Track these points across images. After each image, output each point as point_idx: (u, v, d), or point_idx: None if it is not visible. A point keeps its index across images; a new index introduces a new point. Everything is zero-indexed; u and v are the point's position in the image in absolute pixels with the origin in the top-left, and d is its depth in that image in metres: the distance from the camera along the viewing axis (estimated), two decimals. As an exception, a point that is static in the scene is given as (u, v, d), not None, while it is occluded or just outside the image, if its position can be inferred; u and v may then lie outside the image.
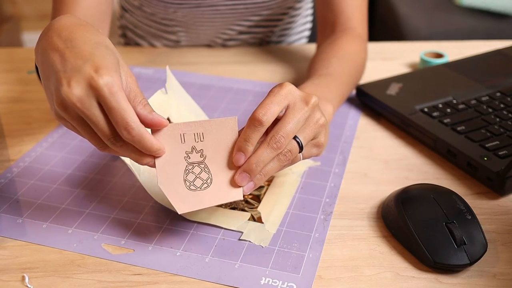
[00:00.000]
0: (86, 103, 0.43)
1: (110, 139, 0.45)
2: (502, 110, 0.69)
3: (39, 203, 0.57)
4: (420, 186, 0.56)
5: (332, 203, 0.57)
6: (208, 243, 0.52)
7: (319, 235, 0.53)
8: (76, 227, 0.54)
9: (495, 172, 0.58)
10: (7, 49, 0.96)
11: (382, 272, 0.49)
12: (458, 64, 0.82)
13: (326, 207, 0.57)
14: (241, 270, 0.49)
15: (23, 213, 0.56)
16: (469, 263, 0.49)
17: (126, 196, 0.58)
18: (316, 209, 0.56)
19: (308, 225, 0.54)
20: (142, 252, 0.51)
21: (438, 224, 0.50)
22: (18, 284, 0.48)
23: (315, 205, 0.57)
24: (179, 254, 0.51)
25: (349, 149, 0.66)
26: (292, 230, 0.54)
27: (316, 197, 0.58)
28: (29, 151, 0.65)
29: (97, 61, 0.44)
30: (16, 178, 0.61)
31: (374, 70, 0.86)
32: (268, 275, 0.49)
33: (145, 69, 0.86)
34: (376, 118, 0.74)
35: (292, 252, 0.51)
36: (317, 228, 0.54)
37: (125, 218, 0.55)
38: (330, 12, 0.77)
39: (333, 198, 0.58)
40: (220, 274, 0.49)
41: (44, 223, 0.54)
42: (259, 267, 0.49)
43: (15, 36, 2.47)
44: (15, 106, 0.76)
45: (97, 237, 0.53)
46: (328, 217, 0.55)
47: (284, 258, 0.50)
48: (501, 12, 1.76)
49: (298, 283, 0.48)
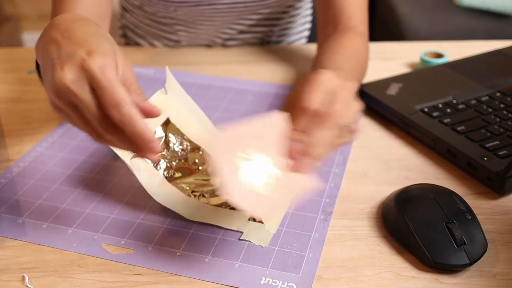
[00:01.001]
0: (77, 86, 0.43)
1: (102, 124, 0.44)
2: (502, 110, 0.69)
3: (39, 203, 0.57)
4: (420, 186, 0.56)
5: (332, 203, 0.57)
6: (208, 243, 0.52)
7: (319, 235, 0.53)
8: (76, 227, 0.54)
9: (495, 172, 0.58)
10: (7, 49, 0.96)
11: (382, 272, 0.49)
12: (458, 64, 0.82)
13: (326, 207, 0.57)
14: (241, 270, 0.49)
15: (23, 213, 0.56)
16: (469, 263, 0.49)
17: (126, 196, 0.58)
18: (316, 209, 0.56)
19: (308, 225, 0.54)
20: (142, 252, 0.51)
21: (438, 224, 0.51)
22: (18, 284, 0.48)
23: (315, 205, 0.57)
24: (179, 254, 0.51)
25: (349, 149, 0.66)
26: (292, 230, 0.54)
27: (316, 197, 0.58)
28: (28, 151, 0.65)
29: (91, 46, 0.44)
30: (16, 178, 0.61)
31: (374, 70, 0.86)
32: (268, 275, 0.49)
33: (145, 69, 0.86)
34: (376, 118, 0.74)
35: (292, 252, 0.51)
36: (317, 228, 0.54)
37: (125, 218, 0.55)
38: (331, 11, 0.77)
39: (333, 198, 0.58)
40: (220, 274, 0.49)
41: (44, 223, 0.54)
42: (259, 267, 0.49)
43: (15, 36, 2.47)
44: (15, 106, 0.76)
45: (97, 237, 0.53)
46: (328, 217, 0.55)
47: (284, 258, 0.50)
48: (501, 12, 1.76)
49: (298, 283, 0.48)
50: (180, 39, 0.95)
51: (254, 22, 0.93)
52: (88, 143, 0.66)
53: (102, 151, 0.65)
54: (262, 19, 0.93)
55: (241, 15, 0.90)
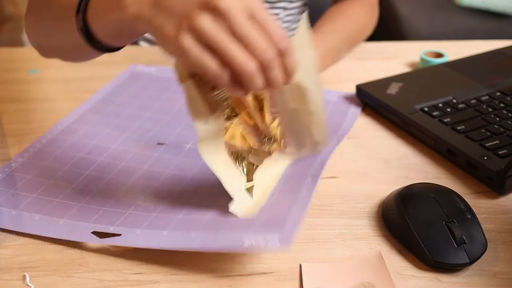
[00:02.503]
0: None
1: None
2: (502, 109, 0.69)
3: (34, 196, 0.58)
4: (420, 185, 0.56)
5: (320, 169, 0.58)
6: (195, 224, 0.52)
7: (306, 191, 0.54)
8: (68, 218, 0.54)
9: (495, 171, 0.58)
10: (7, 48, 0.96)
11: (382, 271, 0.49)
12: (458, 64, 0.82)
13: (314, 171, 0.58)
14: (225, 235, 0.49)
15: (18, 205, 0.56)
16: (469, 262, 0.49)
17: (119, 192, 0.58)
18: (304, 174, 0.57)
19: (295, 187, 0.55)
20: (130, 234, 0.51)
21: (438, 223, 0.51)
22: (19, 283, 0.48)
23: (303, 168, 0.58)
24: (165, 233, 0.51)
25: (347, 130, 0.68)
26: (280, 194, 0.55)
27: (305, 164, 0.59)
28: (28, 146, 0.66)
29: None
30: (14, 173, 0.61)
31: (374, 69, 0.86)
32: (251, 236, 0.47)
33: (147, 67, 0.87)
34: (376, 117, 0.74)
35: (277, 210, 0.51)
36: (306, 188, 0.54)
37: (117, 209, 0.56)
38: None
39: (322, 166, 0.59)
40: (204, 243, 0.49)
41: (37, 214, 0.55)
42: (243, 230, 0.49)
43: (15, 36, 2.46)
44: (15, 106, 0.76)
45: (86, 226, 0.53)
46: (315, 178, 0.56)
47: (269, 216, 0.51)
48: (501, 12, 1.76)
49: (281, 238, 0.47)
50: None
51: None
52: (87, 140, 0.67)
53: (100, 148, 0.65)
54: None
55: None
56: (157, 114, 0.73)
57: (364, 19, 0.74)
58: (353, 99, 0.77)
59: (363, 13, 0.75)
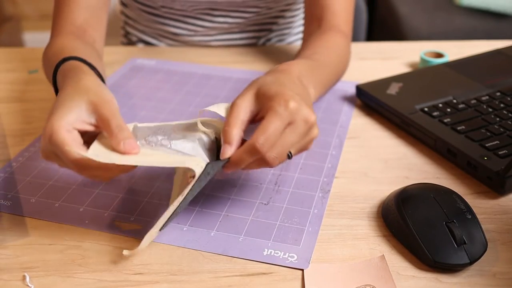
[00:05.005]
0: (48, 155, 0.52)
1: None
2: (502, 109, 0.69)
3: (51, 184, 0.59)
4: (420, 185, 0.56)
5: (329, 182, 0.60)
6: (212, 219, 0.55)
7: (317, 211, 0.56)
8: (87, 205, 0.56)
9: (495, 171, 0.58)
10: (8, 49, 0.96)
11: (382, 271, 0.49)
12: (458, 64, 0.82)
13: (324, 185, 0.60)
14: (244, 243, 0.52)
15: (36, 193, 0.58)
16: (469, 263, 0.49)
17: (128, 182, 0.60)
18: (315, 188, 0.59)
19: (307, 202, 0.57)
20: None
21: (438, 224, 0.51)
22: (19, 283, 0.48)
23: (313, 184, 0.60)
24: (185, 229, 0.54)
25: (345, 131, 0.69)
26: (293, 207, 0.57)
27: (314, 177, 0.61)
28: (28, 146, 0.66)
29: (53, 118, 0.50)
30: (28, 161, 0.63)
31: (374, 70, 0.86)
32: (270, 246, 0.52)
33: (147, 60, 0.89)
34: (376, 117, 0.74)
35: (292, 227, 0.54)
36: (315, 205, 0.57)
37: (134, 197, 0.58)
38: (317, 8, 0.79)
39: (331, 178, 0.61)
40: (225, 247, 0.52)
41: (56, 202, 0.57)
42: (261, 240, 0.52)
43: (15, 36, 2.47)
44: (16, 106, 0.76)
45: (108, 214, 0.55)
46: (326, 195, 0.58)
47: (285, 232, 0.53)
48: (501, 12, 1.76)
49: (298, 253, 0.50)
50: (177, 32, 0.95)
51: (253, 15, 0.93)
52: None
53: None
54: (261, 14, 0.93)
55: (239, 7, 0.91)
56: (161, 103, 0.76)
57: (346, 52, 0.76)
58: (353, 99, 0.77)
59: (346, 47, 0.76)
